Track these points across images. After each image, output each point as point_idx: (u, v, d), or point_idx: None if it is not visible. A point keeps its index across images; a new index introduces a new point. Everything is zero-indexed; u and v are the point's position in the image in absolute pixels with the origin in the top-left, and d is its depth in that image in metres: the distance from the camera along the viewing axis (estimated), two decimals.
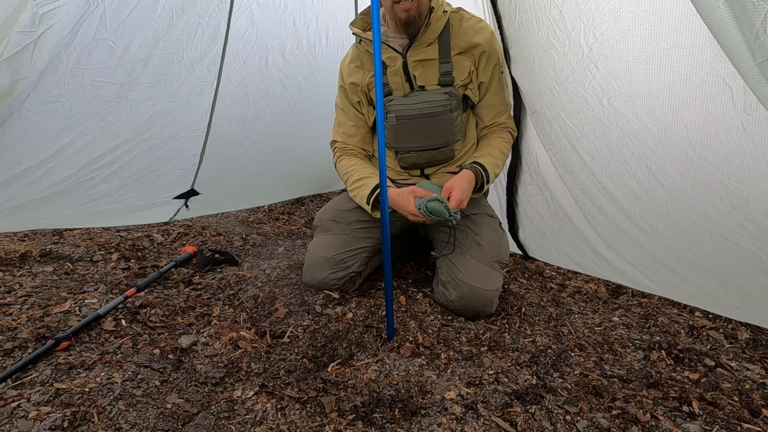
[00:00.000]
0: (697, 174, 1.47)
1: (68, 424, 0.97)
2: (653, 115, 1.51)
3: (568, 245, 2.01)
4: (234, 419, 1.05)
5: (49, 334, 1.26)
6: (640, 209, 1.68)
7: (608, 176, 1.73)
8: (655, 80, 1.45)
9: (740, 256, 1.46)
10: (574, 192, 1.88)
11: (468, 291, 1.52)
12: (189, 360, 1.25)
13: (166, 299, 1.52)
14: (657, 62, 1.41)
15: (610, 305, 1.73)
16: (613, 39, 1.50)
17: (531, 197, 2.10)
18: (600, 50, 1.55)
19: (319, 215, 1.80)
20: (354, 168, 1.66)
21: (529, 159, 2.04)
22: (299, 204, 3.15)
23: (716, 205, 1.46)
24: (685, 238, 1.59)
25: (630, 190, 1.68)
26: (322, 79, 3.05)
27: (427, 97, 1.59)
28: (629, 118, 1.57)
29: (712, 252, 1.53)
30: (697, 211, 1.52)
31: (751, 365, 1.34)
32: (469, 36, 1.58)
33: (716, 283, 1.57)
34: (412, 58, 1.58)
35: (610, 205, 1.78)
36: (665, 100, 1.45)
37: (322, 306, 1.54)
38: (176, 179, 2.64)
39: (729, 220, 1.44)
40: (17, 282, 1.53)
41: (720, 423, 1.10)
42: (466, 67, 1.59)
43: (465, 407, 1.11)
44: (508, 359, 1.34)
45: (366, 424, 1.07)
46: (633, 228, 1.74)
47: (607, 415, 1.11)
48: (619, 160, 1.67)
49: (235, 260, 1.91)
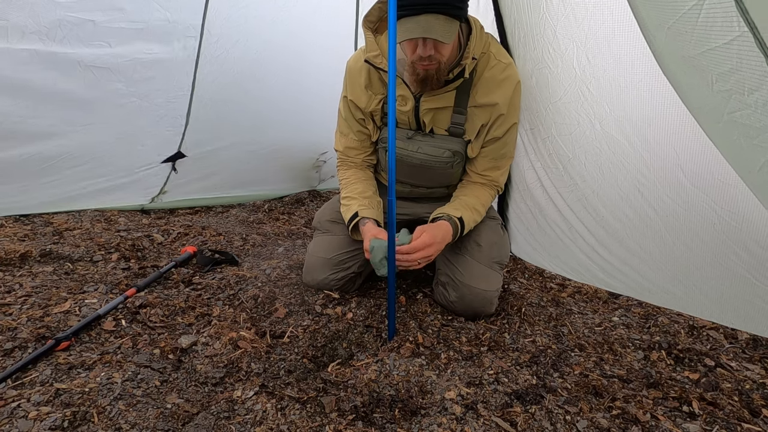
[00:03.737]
0: (690, 202, 1.45)
1: (68, 424, 0.97)
2: (645, 141, 1.49)
3: (560, 261, 1.99)
4: (234, 419, 1.05)
5: (49, 334, 1.26)
6: (633, 232, 1.66)
7: (599, 199, 1.71)
8: (647, 107, 1.43)
9: (735, 282, 1.44)
10: (564, 212, 1.86)
11: (467, 292, 1.52)
12: (189, 360, 1.25)
13: (166, 299, 1.52)
14: (649, 89, 1.39)
15: (610, 305, 1.73)
16: (606, 63, 1.48)
17: (521, 215, 2.08)
18: (593, 73, 1.53)
19: (318, 216, 1.79)
20: (348, 180, 1.65)
21: (518, 177, 2.02)
22: (299, 204, 3.15)
23: (709, 232, 1.44)
24: (678, 262, 1.57)
25: (622, 213, 1.66)
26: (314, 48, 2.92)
27: (431, 150, 1.52)
28: (621, 143, 1.55)
29: (707, 276, 1.52)
30: (691, 237, 1.50)
31: (751, 365, 1.34)
32: (491, 89, 1.46)
33: (711, 303, 1.55)
34: (425, 106, 1.49)
35: (600, 228, 1.75)
36: (657, 128, 1.44)
37: (322, 306, 1.54)
38: (163, 141, 2.55)
39: (723, 247, 1.42)
40: (17, 282, 1.53)
41: (720, 423, 1.10)
42: (479, 124, 1.50)
43: (465, 407, 1.11)
44: (508, 359, 1.34)
45: (366, 424, 1.07)
46: (624, 252, 1.72)
47: (607, 415, 1.11)
48: (611, 183, 1.64)
49: (235, 260, 1.91)
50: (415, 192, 1.71)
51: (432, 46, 1.28)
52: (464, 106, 1.49)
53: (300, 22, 2.81)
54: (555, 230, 1.93)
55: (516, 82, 1.49)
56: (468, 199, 1.57)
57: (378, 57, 1.44)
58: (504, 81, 1.47)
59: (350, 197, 1.60)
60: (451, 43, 1.32)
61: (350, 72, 1.59)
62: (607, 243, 1.76)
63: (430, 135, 1.55)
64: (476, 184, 1.62)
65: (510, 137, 1.57)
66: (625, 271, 1.74)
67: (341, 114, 1.67)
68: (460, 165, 1.60)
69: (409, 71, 1.41)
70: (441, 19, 1.23)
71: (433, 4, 1.21)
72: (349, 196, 1.60)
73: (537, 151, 1.86)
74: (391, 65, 1.21)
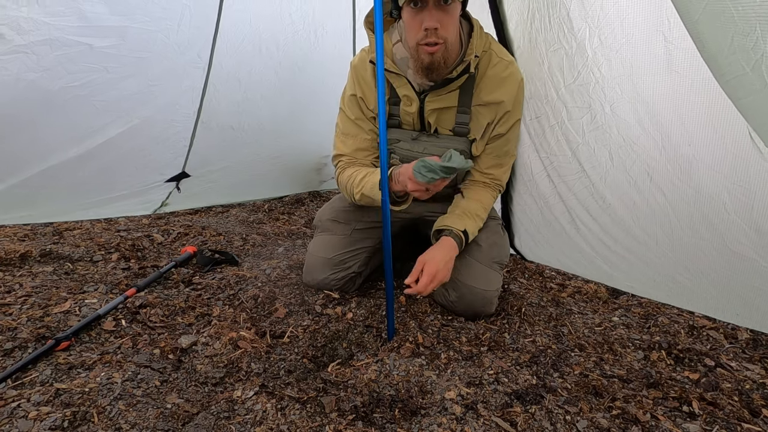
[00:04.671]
0: (702, 182, 1.45)
1: (68, 424, 0.97)
2: (657, 123, 1.49)
3: (563, 255, 1.99)
4: (234, 419, 1.05)
5: (49, 334, 1.26)
6: (639, 218, 1.66)
7: (607, 186, 1.71)
8: (659, 86, 1.42)
9: (742, 265, 1.44)
10: (569, 202, 1.86)
11: (467, 292, 1.52)
12: (189, 360, 1.25)
13: (166, 299, 1.52)
14: (664, 66, 1.38)
15: (610, 305, 1.73)
16: (618, 43, 1.48)
17: (526, 207, 2.08)
18: (604, 54, 1.53)
19: (319, 215, 1.79)
20: (357, 170, 1.57)
21: (523, 168, 2.02)
22: (299, 204, 3.15)
23: (720, 214, 1.43)
24: (685, 247, 1.57)
25: (630, 199, 1.66)
26: (317, 66, 3.04)
27: (437, 150, 1.48)
28: (632, 125, 1.55)
29: (713, 261, 1.52)
30: (699, 220, 1.50)
31: (751, 365, 1.35)
32: (494, 88, 1.46)
33: (717, 291, 1.56)
34: (429, 106, 1.48)
35: (606, 216, 1.75)
36: (669, 108, 1.43)
37: (322, 306, 1.54)
38: (167, 162, 2.61)
39: (732, 229, 1.43)
40: (17, 282, 1.53)
41: (720, 423, 1.10)
42: (484, 123, 1.50)
43: (465, 407, 1.11)
44: (508, 359, 1.34)
45: (366, 424, 1.07)
46: (630, 240, 1.71)
47: (607, 415, 1.11)
48: (619, 169, 1.65)
49: (235, 260, 1.91)
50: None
51: (437, 18, 1.28)
52: (468, 105, 1.48)
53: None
54: (560, 221, 1.93)
55: (519, 79, 1.49)
56: (470, 205, 1.56)
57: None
58: (507, 78, 1.46)
59: (370, 172, 1.50)
60: (455, 24, 1.33)
61: (357, 71, 1.55)
62: (613, 232, 1.76)
63: (434, 135, 1.54)
64: (479, 185, 1.62)
65: (513, 134, 1.57)
66: (631, 261, 1.74)
67: (347, 116, 1.60)
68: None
69: (414, 60, 1.37)
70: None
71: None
72: (369, 172, 1.50)
73: (543, 139, 1.86)
74: (379, 60, 1.20)
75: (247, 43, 2.66)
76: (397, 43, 1.46)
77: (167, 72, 2.40)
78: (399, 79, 1.48)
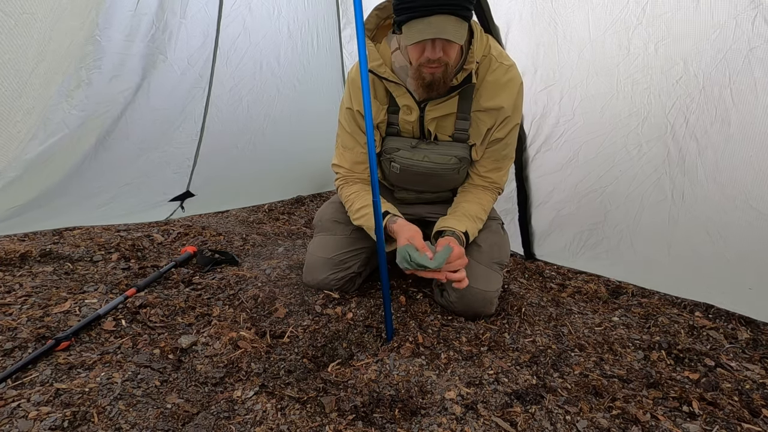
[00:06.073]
0: (739, 127, 1.43)
1: (68, 424, 0.97)
2: (701, 60, 1.46)
3: (594, 254, 1.99)
4: (234, 419, 1.05)
5: (49, 334, 1.26)
6: (671, 169, 1.66)
7: (637, 139, 1.69)
8: (707, 19, 1.40)
9: (763, 224, 1.43)
10: (578, 188, 1.86)
11: (467, 292, 1.52)
12: (189, 360, 1.25)
13: (166, 299, 1.52)
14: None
15: (610, 305, 1.73)
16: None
17: (546, 213, 2.09)
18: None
19: (319, 215, 1.79)
20: (357, 194, 1.57)
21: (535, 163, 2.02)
22: (299, 204, 3.15)
23: (749, 162, 1.42)
24: (708, 203, 1.57)
25: (665, 147, 1.65)
26: (315, 80, 3.08)
27: (437, 157, 1.50)
28: (676, 63, 1.53)
29: (734, 221, 1.51)
30: (727, 177, 1.50)
31: (751, 365, 1.35)
32: (494, 93, 1.44)
33: (734, 256, 1.53)
34: (429, 115, 1.47)
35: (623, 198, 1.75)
36: (714, 43, 1.40)
37: (322, 306, 1.54)
38: (172, 182, 2.64)
39: (760, 185, 1.41)
40: (17, 282, 1.53)
41: (720, 423, 1.10)
42: (484, 128, 1.49)
43: (465, 407, 1.11)
44: (508, 359, 1.34)
45: (366, 424, 1.07)
46: (648, 217, 1.72)
47: (607, 415, 1.11)
48: (658, 113, 1.63)
49: (235, 260, 1.91)
50: (421, 198, 1.70)
51: (441, 48, 1.26)
52: (468, 111, 1.47)
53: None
54: (587, 217, 1.95)
55: (519, 83, 1.47)
56: (470, 207, 1.55)
57: (381, 66, 1.41)
58: (508, 83, 1.45)
59: (360, 208, 1.54)
60: (458, 45, 1.30)
61: (354, 83, 1.52)
62: (631, 212, 1.77)
63: (434, 142, 1.53)
64: (478, 188, 1.61)
65: (511, 138, 1.56)
66: (645, 238, 1.75)
67: (345, 129, 1.60)
68: (466, 169, 1.59)
69: (414, 77, 1.35)
70: (452, 20, 1.21)
71: (444, 5, 1.19)
72: (366, 204, 1.53)
73: (560, 105, 1.87)
74: (363, 64, 1.17)
75: (247, 59, 2.69)
76: (396, 51, 1.44)
77: (169, 93, 2.43)
78: (398, 89, 1.45)
